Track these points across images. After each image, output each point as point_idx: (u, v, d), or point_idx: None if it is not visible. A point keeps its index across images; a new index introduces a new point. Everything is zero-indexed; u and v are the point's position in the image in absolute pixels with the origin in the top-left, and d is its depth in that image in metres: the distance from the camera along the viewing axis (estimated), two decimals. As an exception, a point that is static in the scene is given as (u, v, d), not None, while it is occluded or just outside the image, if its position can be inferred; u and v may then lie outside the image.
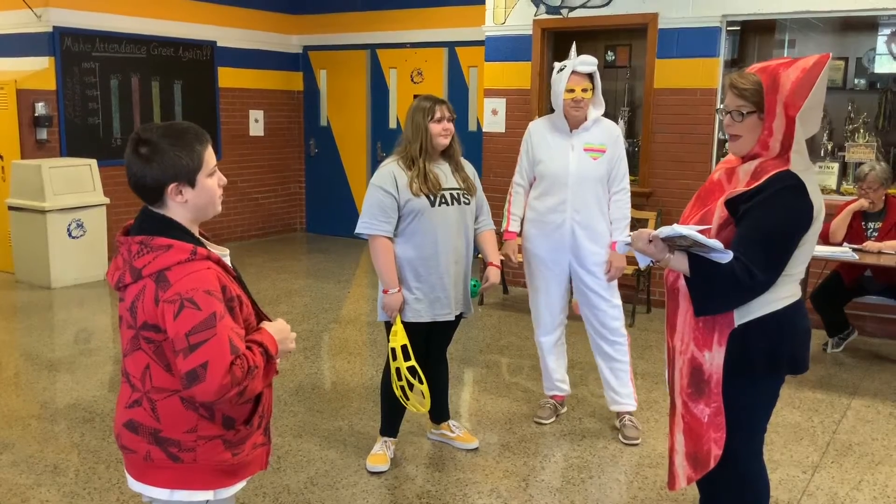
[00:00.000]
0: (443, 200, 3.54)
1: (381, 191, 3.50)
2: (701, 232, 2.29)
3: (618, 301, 4.11)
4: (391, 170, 3.54)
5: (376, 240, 3.52)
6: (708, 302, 2.40)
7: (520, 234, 4.25)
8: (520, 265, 4.39)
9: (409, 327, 3.58)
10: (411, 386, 3.56)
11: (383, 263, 3.53)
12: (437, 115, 3.52)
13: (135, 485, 2.08)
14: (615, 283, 4.09)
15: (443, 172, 3.59)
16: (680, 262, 2.38)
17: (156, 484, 2.03)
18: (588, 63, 3.95)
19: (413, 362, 3.52)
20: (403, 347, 3.52)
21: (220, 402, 1.89)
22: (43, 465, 3.77)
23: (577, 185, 3.98)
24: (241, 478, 2.12)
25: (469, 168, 3.72)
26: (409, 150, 3.54)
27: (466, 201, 3.64)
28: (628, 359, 4.15)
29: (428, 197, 3.50)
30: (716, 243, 2.26)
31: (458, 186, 3.61)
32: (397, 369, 3.53)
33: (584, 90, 3.92)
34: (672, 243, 2.36)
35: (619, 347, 4.12)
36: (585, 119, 3.99)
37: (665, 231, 2.31)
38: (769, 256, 2.33)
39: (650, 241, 2.39)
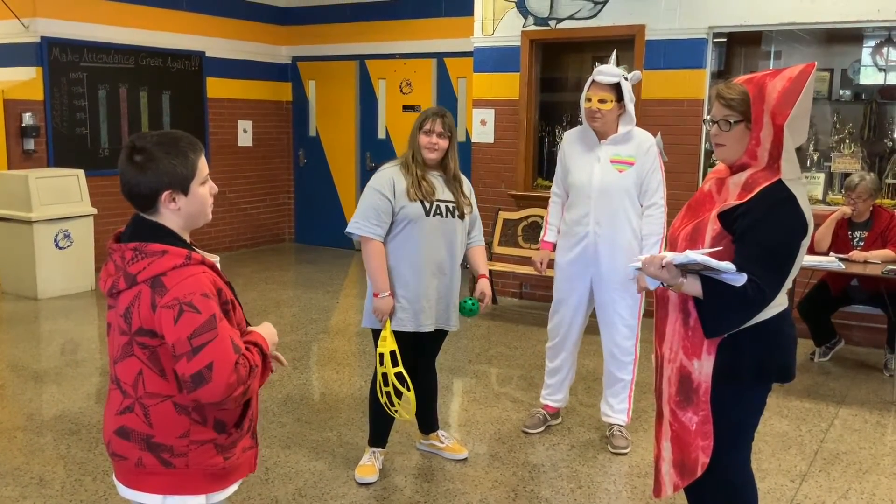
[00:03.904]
0: (437, 211, 3.53)
1: (378, 194, 3.49)
2: (710, 254, 2.31)
3: (634, 321, 4.05)
4: (391, 174, 3.53)
5: (368, 242, 3.51)
6: (721, 323, 2.41)
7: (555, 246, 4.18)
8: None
9: (395, 336, 3.56)
10: (399, 393, 3.54)
11: (375, 266, 3.51)
12: (427, 126, 3.51)
13: (126, 492, 2.07)
14: (636, 302, 4.00)
15: (438, 183, 3.58)
16: (693, 286, 2.38)
17: (148, 490, 2.03)
18: (605, 73, 3.83)
19: (401, 368, 3.50)
20: (392, 353, 3.51)
21: (226, 401, 1.91)
22: (29, 477, 3.73)
23: (600, 197, 3.90)
24: (233, 481, 2.13)
25: (466, 185, 3.71)
26: (406, 156, 3.56)
27: (460, 216, 3.62)
28: (631, 377, 4.12)
29: (423, 204, 3.49)
30: (728, 266, 2.27)
31: (452, 199, 3.59)
32: (384, 374, 3.51)
33: (601, 101, 3.82)
34: (683, 268, 2.37)
35: (626, 366, 4.10)
36: (615, 131, 3.91)
37: (679, 258, 2.32)
38: (777, 272, 2.36)
39: (663, 267, 2.38)
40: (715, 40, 6.39)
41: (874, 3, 5.64)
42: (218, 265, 2.08)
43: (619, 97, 3.85)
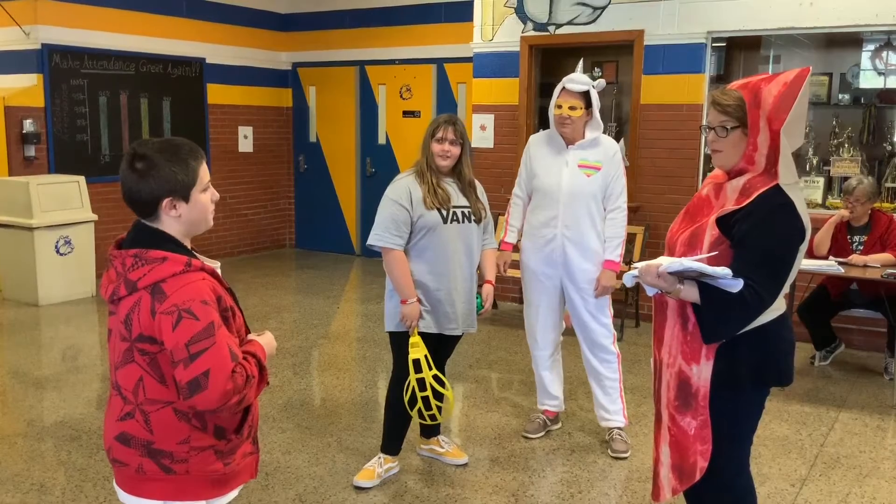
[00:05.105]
0: (454, 217, 3.58)
1: (396, 204, 3.53)
2: (706, 260, 2.32)
3: (607, 319, 4.11)
4: (407, 184, 3.57)
5: (390, 252, 3.55)
6: (720, 328, 2.41)
7: (517, 246, 4.25)
8: (511, 279, 4.43)
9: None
10: (437, 395, 3.58)
11: (399, 275, 3.55)
12: (439, 134, 3.55)
13: (126, 498, 2.08)
14: (606, 300, 4.09)
15: (452, 189, 3.62)
16: (691, 293, 2.40)
17: (148, 496, 2.03)
18: (576, 81, 3.93)
19: (435, 371, 3.56)
20: (426, 357, 3.55)
21: (221, 409, 1.91)
22: (29, 483, 3.74)
23: (568, 201, 3.97)
24: (233, 487, 2.13)
25: (480, 189, 3.77)
26: (420, 164, 3.60)
27: (476, 221, 3.67)
28: (618, 375, 4.15)
29: (440, 212, 3.53)
30: (724, 272, 2.27)
31: (467, 205, 3.64)
32: (419, 380, 3.54)
33: (572, 108, 3.90)
34: (680, 275, 2.38)
35: (609, 364, 4.13)
36: (583, 136, 3.99)
37: (675, 267, 2.33)
38: (775, 278, 2.37)
39: (659, 276, 2.39)
40: (714, 45, 6.40)
41: (872, 8, 5.66)
42: (219, 271, 2.09)
43: (588, 104, 3.93)
